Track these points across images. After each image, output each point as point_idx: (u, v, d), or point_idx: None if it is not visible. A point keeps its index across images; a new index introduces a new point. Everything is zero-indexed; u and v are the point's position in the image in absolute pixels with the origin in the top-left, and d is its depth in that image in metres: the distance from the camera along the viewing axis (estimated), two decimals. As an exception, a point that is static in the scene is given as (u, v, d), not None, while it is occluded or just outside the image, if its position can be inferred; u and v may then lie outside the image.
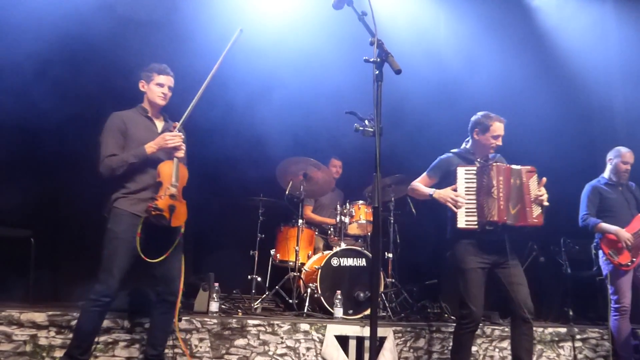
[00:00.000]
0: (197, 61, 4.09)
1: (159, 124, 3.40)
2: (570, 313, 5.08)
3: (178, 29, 5.20)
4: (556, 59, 6.19)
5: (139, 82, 3.36)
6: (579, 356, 4.50)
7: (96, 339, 3.38)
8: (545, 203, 3.42)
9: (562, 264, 5.32)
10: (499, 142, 3.56)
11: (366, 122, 2.15)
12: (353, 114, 2.18)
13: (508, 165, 3.50)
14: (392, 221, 5.30)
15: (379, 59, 2.17)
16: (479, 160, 3.58)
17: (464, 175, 3.46)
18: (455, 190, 3.44)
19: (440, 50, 6.27)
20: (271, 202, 5.14)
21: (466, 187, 3.44)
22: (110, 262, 3.04)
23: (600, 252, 4.45)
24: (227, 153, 5.37)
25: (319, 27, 5.44)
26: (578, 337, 4.56)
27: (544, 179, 3.47)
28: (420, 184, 3.67)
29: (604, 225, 4.35)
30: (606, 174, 4.63)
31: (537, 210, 3.43)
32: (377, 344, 3.97)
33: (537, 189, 3.44)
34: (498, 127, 3.54)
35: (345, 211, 5.11)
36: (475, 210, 3.40)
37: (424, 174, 3.72)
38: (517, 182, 3.42)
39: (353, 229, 5.27)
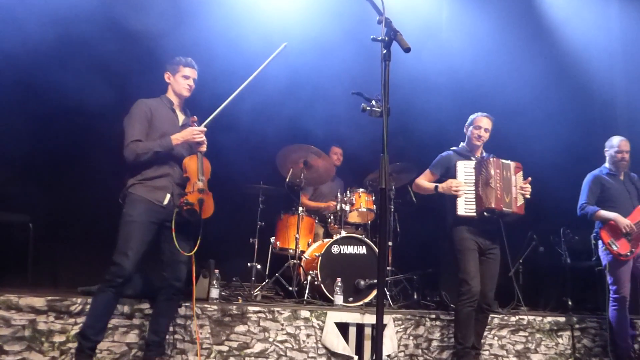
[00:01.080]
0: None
1: (181, 117, 3.49)
2: (569, 303, 5.12)
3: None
4: (559, 51, 6.17)
5: (164, 74, 3.44)
6: (578, 345, 4.52)
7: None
8: (528, 196, 3.86)
9: (561, 254, 5.34)
10: (482, 133, 3.94)
11: (373, 102, 2.13)
12: (359, 94, 2.16)
13: (501, 160, 3.87)
14: (392, 210, 5.29)
15: (387, 38, 2.14)
16: (475, 156, 3.96)
17: (463, 169, 3.84)
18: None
19: (442, 40, 6.24)
20: (271, 189, 5.13)
21: (465, 180, 3.81)
22: (125, 245, 3.08)
23: (599, 242, 4.45)
24: (227, 140, 5.33)
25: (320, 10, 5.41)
26: (577, 326, 4.58)
27: (529, 178, 3.88)
28: (425, 181, 4.04)
29: (603, 212, 4.34)
30: (607, 164, 4.62)
31: (520, 200, 3.85)
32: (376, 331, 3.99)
33: (522, 182, 3.87)
34: (480, 120, 3.95)
35: (345, 199, 5.10)
36: (473, 199, 3.78)
37: (427, 170, 4.06)
38: (507, 174, 3.84)
39: (353, 217, 5.26)
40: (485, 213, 3.74)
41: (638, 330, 4.60)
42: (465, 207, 3.77)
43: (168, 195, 3.25)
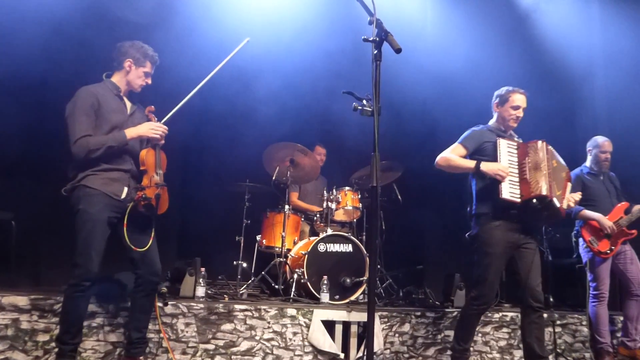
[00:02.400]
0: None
1: (128, 105, 3.28)
2: (551, 299, 5.18)
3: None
4: (540, 49, 6.26)
5: (124, 59, 3.19)
6: (559, 341, 4.60)
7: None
8: (572, 205, 3.58)
9: (543, 251, 5.41)
10: (519, 114, 3.54)
11: (364, 101, 2.15)
12: (350, 93, 2.17)
13: (552, 150, 3.49)
14: (378, 205, 5.32)
15: (377, 38, 2.15)
16: (510, 134, 3.60)
17: (507, 148, 3.41)
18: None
19: (425, 36, 6.29)
20: (257, 187, 5.12)
21: (509, 161, 3.39)
22: (87, 245, 2.94)
23: (580, 239, 4.53)
24: (213, 138, 5.33)
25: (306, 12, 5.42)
26: (558, 322, 4.65)
27: (579, 193, 3.70)
28: (457, 156, 3.51)
29: (587, 212, 4.43)
30: (588, 163, 4.70)
31: (565, 202, 3.50)
32: (362, 329, 4.02)
33: (569, 192, 3.59)
34: (517, 99, 3.53)
35: (331, 197, 5.12)
36: (517, 184, 3.34)
37: (457, 144, 3.56)
38: (563, 175, 3.50)
39: (339, 215, 5.28)
40: (534, 200, 3.27)
41: (617, 326, 4.71)
42: (510, 190, 3.31)
43: (125, 189, 3.09)
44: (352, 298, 4.59)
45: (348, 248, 4.75)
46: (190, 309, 3.71)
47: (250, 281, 4.82)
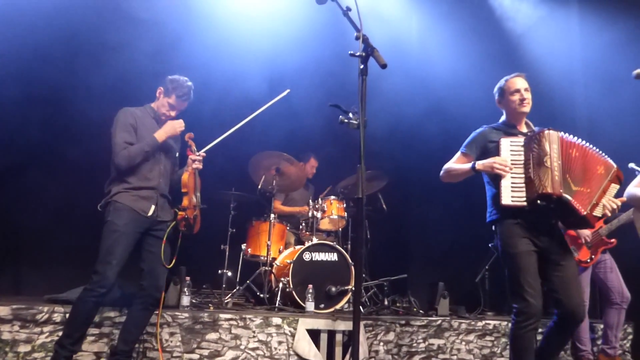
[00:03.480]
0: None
1: None
2: (533, 308, 5.26)
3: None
4: (523, 61, 6.38)
5: (159, 86, 3.41)
6: (540, 349, 4.66)
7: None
8: (608, 213, 2.95)
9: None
10: (522, 96, 3.11)
11: (350, 114, 2.18)
12: (337, 106, 2.21)
13: (567, 138, 2.99)
14: (364, 216, 5.36)
15: (364, 54, 2.20)
16: (521, 132, 3.16)
17: (510, 147, 3.00)
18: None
19: (411, 49, 6.38)
20: (243, 196, 5.13)
21: (512, 160, 2.96)
22: (110, 254, 3.05)
23: (561, 249, 4.61)
24: (198, 146, 5.31)
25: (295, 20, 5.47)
26: (540, 330, 4.71)
27: (624, 199, 3.25)
28: (455, 163, 3.21)
29: None
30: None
31: (599, 211, 2.91)
32: (347, 338, 4.04)
33: (612, 196, 2.96)
34: (513, 82, 3.16)
35: (317, 206, 5.14)
36: (523, 185, 2.90)
37: (458, 153, 3.24)
38: (599, 171, 2.93)
39: (325, 224, 5.30)
40: (539, 201, 2.84)
41: (597, 334, 4.79)
42: (512, 194, 2.88)
43: (153, 207, 3.26)
44: (337, 307, 4.61)
45: (333, 257, 4.77)
46: (174, 318, 3.69)
47: (235, 290, 4.81)
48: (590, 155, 2.97)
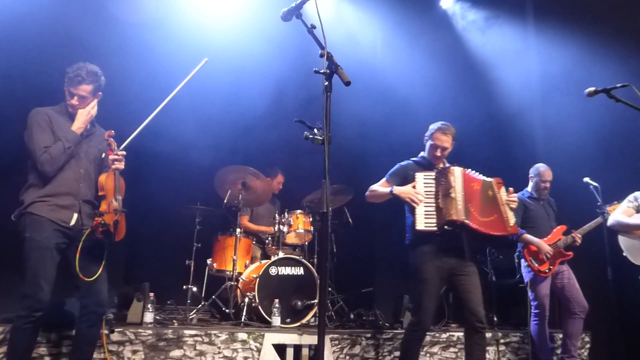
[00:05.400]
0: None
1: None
2: (495, 319, 5.39)
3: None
4: (481, 76, 6.59)
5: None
6: (502, 359, 4.76)
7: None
8: (513, 205, 3.58)
9: (487, 272, 5.62)
10: (438, 153, 3.65)
11: (315, 130, 2.22)
12: (302, 122, 2.24)
13: (474, 174, 3.60)
14: (329, 231, 5.39)
15: (328, 71, 2.24)
16: (436, 167, 3.67)
17: (423, 180, 3.53)
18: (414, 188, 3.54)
19: (374, 61, 6.49)
20: (208, 210, 5.08)
21: (425, 192, 3.49)
22: (36, 274, 2.83)
23: (522, 260, 4.75)
24: (164, 160, 5.26)
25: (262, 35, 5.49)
26: (502, 341, 4.83)
27: (511, 189, 3.65)
28: (380, 187, 3.71)
29: (528, 237, 4.64)
30: (529, 188, 4.95)
31: (512, 219, 3.55)
32: (313, 352, 4.03)
33: (506, 195, 3.60)
34: (439, 139, 3.65)
35: (283, 220, 5.14)
36: (434, 212, 3.45)
37: (383, 179, 3.75)
38: (489, 194, 3.55)
39: (291, 238, 5.30)
40: (445, 226, 3.39)
41: (557, 343, 4.92)
42: (425, 221, 3.42)
43: (75, 215, 3.02)
44: (304, 321, 4.60)
45: (299, 271, 4.78)
46: (137, 335, 3.62)
47: (200, 305, 4.74)
48: (483, 184, 3.58)
